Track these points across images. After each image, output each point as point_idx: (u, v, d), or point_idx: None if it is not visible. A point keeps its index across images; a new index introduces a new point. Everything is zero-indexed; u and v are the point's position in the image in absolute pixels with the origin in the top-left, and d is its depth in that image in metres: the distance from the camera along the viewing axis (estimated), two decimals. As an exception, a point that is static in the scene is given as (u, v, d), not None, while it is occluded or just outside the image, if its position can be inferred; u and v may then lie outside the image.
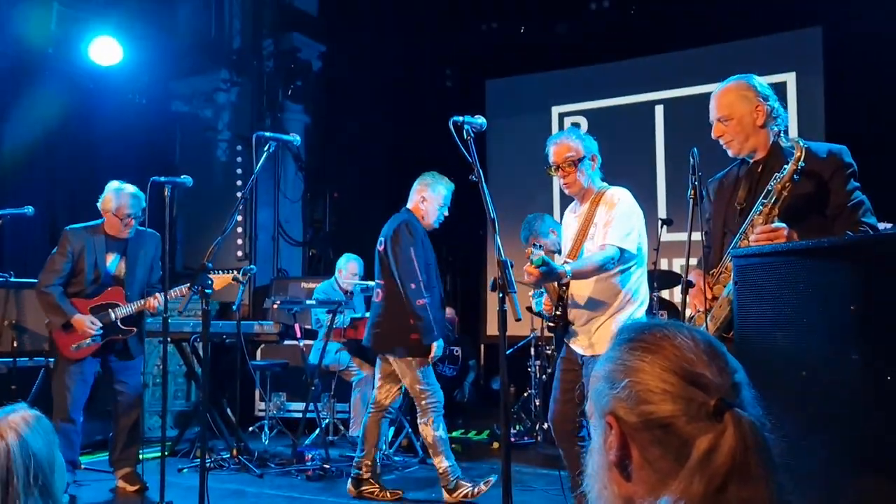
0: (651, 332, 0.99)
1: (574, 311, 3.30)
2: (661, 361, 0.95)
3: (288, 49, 7.93)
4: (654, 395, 0.93)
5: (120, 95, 7.31)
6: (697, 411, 0.91)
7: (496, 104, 8.53)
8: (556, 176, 3.42)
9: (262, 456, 5.55)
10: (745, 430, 0.89)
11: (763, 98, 2.63)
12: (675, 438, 0.91)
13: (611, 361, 1.01)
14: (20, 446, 1.50)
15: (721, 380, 0.93)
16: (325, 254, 8.41)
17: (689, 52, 7.81)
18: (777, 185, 2.42)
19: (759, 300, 1.91)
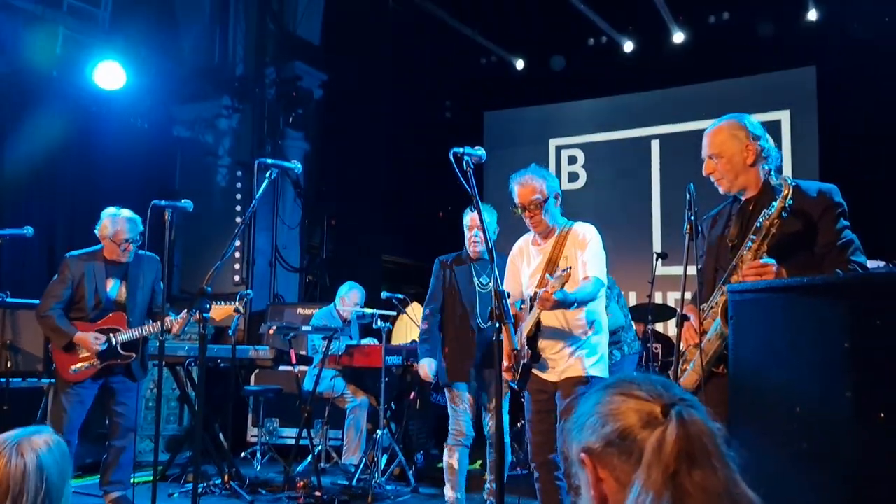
0: (620, 379, 1.14)
1: (545, 342, 3.40)
2: (622, 393, 1.10)
3: (290, 77, 8.02)
4: (612, 416, 1.07)
5: (122, 119, 7.37)
6: (649, 418, 1.04)
7: (494, 136, 8.63)
8: (521, 215, 3.51)
9: (254, 482, 5.50)
10: (686, 422, 1.02)
11: (754, 138, 2.68)
12: (634, 445, 1.04)
13: (580, 412, 1.15)
14: (36, 468, 1.51)
15: (668, 395, 1.07)
16: (321, 280, 8.42)
17: (686, 89, 7.94)
18: (766, 221, 2.46)
19: (754, 335, 1.93)
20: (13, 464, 1.50)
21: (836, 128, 6.66)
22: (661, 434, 1.02)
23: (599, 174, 8.36)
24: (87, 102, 7.00)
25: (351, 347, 5.97)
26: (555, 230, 3.51)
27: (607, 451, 1.07)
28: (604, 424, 1.08)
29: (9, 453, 1.51)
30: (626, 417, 1.06)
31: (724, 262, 2.69)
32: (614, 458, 1.06)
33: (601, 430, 1.08)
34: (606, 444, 1.07)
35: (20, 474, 1.49)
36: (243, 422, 6.92)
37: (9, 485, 1.48)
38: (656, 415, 1.04)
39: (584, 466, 1.10)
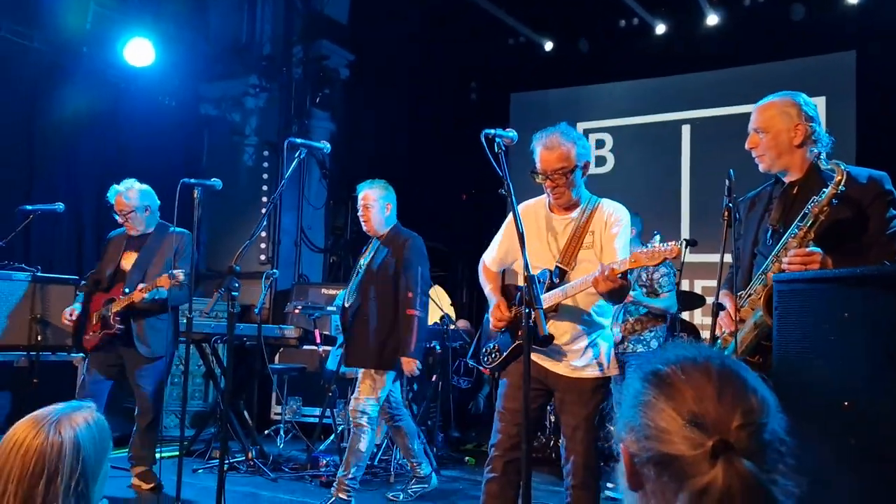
0: (671, 368, 1.01)
1: (559, 326, 2.96)
2: (670, 402, 0.97)
3: (317, 56, 7.98)
4: (658, 433, 0.96)
5: (150, 96, 7.39)
6: (696, 452, 0.93)
7: (520, 118, 8.52)
8: (542, 182, 3.07)
9: (277, 460, 5.54)
10: (734, 477, 0.90)
11: (806, 118, 2.58)
12: (675, 476, 0.94)
13: (630, 390, 1.04)
14: (73, 446, 1.48)
15: (726, 420, 0.94)
16: (345, 261, 8.42)
17: (720, 73, 7.77)
18: (814, 207, 2.37)
19: (800, 326, 1.87)
20: (50, 440, 1.47)
21: (875, 115, 6.49)
22: (706, 484, 0.91)
23: (628, 159, 8.23)
24: (116, 79, 7.03)
25: (375, 328, 5.96)
26: (578, 203, 3.09)
27: (646, 465, 0.98)
28: (647, 437, 0.97)
29: (48, 428, 1.49)
30: (671, 444, 0.95)
31: (764, 248, 2.61)
32: (653, 473, 0.97)
33: (643, 441, 0.98)
34: (647, 458, 0.97)
35: (56, 452, 1.47)
36: (267, 400, 6.98)
37: (45, 462, 1.45)
38: (706, 450, 0.92)
39: (622, 454, 1.03)
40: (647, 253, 2.70)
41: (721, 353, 1.05)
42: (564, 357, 3.00)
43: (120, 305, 4.50)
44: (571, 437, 2.94)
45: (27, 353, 5.04)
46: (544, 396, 3.10)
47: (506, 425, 3.00)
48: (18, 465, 1.45)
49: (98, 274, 4.74)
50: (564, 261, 3.00)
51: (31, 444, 1.46)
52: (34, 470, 1.44)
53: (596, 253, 3.00)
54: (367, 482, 5.18)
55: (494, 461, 2.99)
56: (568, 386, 2.99)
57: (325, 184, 8.29)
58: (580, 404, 2.94)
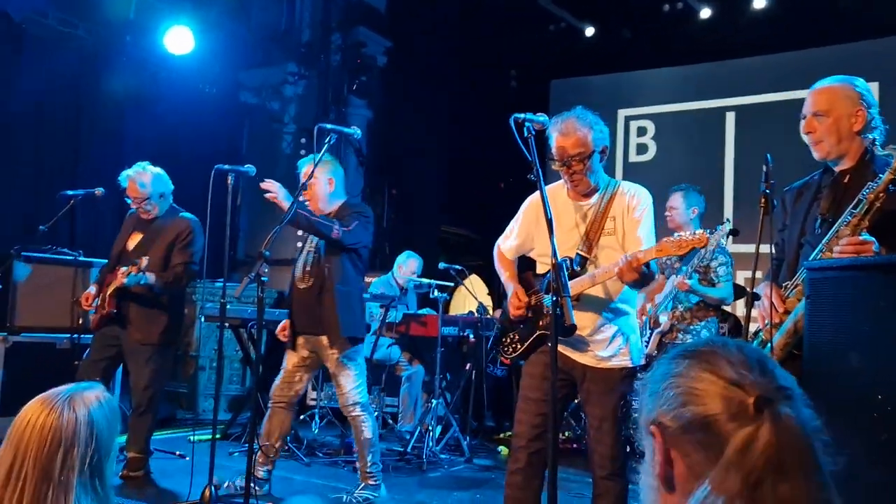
0: (698, 345, 1.00)
1: (583, 316, 2.85)
2: (703, 365, 0.95)
3: (354, 43, 7.99)
4: (694, 397, 0.93)
5: (191, 84, 7.49)
6: (737, 409, 0.90)
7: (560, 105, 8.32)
8: (559, 169, 2.97)
9: (311, 445, 5.59)
10: (783, 427, 0.88)
11: (866, 104, 2.47)
12: (716, 438, 0.90)
13: (656, 375, 1.01)
14: (87, 422, 1.53)
15: (765, 382, 0.92)
16: (381, 249, 8.44)
17: (766, 58, 7.54)
18: (870, 194, 2.26)
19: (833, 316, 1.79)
20: (65, 416, 1.52)
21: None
22: (751, 435, 0.88)
23: (670, 147, 8.06)
24: (157, 67, 7.14)
25: (408, 316, 5.98)
26: (597, 188, 2.99)
27: (683, 436, 0.94)
28: (682, 403, 0.94)
29: (61, 406, 1.53)
30: (711, 403, 0.91)
31: (812, 237, 2.50)
32: (689, 445, 0.93)
33: (678, 409, 0.94)
34: (683, 428, 0.93)
35: (71, 427, 1.51)
36: (303, 385, 7.04)
37: (61, 436, 1.50)
38: (747, 407, 0.89)
39: (652, 439, 0.98)
40: (674, 242, 2.63)
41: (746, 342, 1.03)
42: (589, 347, 2.92)
43: (112, 287, 4.44)
44: (598, 427, 2.88)
45: (69, 335, 5.15)
46: (568, 387, 3.02)
47: (529, 416, 2.94)
48: (35, 440, 1.49)
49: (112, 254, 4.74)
50: (585, 248, 2.93)
51: (46, 420, 1.51)
52: (51, 445, 1.49)
53: (618, 239, 2.92)
54: (400, 468, 5.20)
55: (517, 452, 2.95)
56: (594, 376, 2.92)
57: (362, 171, 8.31)
58: (606, 395, 2.87)
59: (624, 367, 2.92)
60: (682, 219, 4.87)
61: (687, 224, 4.86)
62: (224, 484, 4.19)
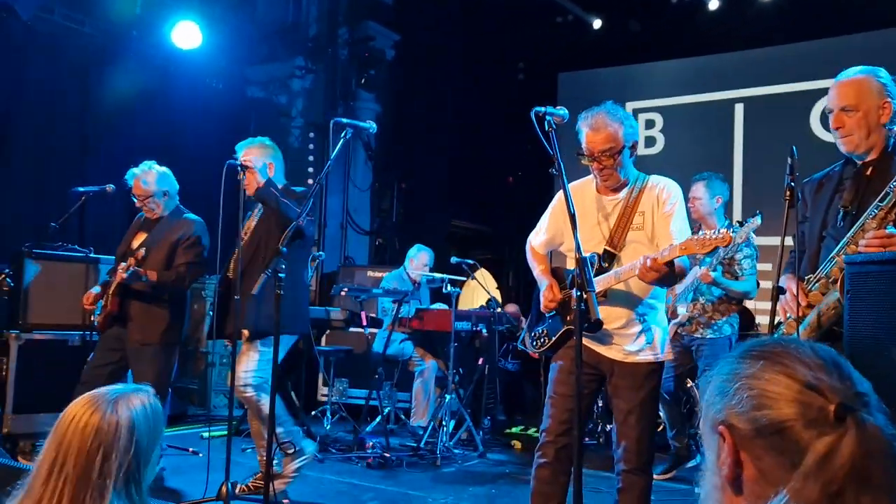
0: (768, 344, 0.96)
1: (610, 310, 2.85)
2: (777, 367, 0.92)
3: (362, 37, 7.96)
4: (769, 400, 0.90)
5: (198, 79, 7.46)
6: (816, 416, 0.87)
7: (568, 98, 8.37)
8: (588, 164, 2.95)
9: (324, 441, 5.58)
10: (868, 435, 0.85)
11: (890, 95, 2.45)
12: (791, 444, 0.88)
13: (723, 373, 0.98)
14: (128, 426, 1.52)
15: (843, 387, 0.89)
16: (391, 243, 8.44)
17: (775, 49, 7.51)
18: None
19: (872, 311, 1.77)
20: (107, 418, 1.52)
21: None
22: (833, 444, 0.85)
23: (679, 139, 8.03)
24: (164, 62, 7.11)
25: (421, 311, 5.96)
26: (626, 183, 2.97)
27: (755, 440, 0.91)
28: (756, 406, 0.91)
29: (105, 407, 1.54)
30: (786, 408, 0.88)
31: (834, 230, 2.48)
32: (761, 449, 0.90)
33: (751, 412, 0.91)
34: (756, 432, 0.91)
35: (112, 431, 1.51)
36: (314, 381, 7.04)
37: (101, 439, 1.50)
38: (827, 414, 0.86)
39: (721, 439, 0.94)
40: (698, 241, 2.61)
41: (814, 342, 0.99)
42: (617, 341, 2.91)
43: (114, 284, 4.38)
44: (624, 421, 2.87)
45: (81, 332, 5.14)
46: (597, 382, 3.01)
47: (557, 410, 2.93)
48: (77, 439, 1.50)
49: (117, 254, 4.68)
50: (613, 243, 2.91)
51: (90, 420, 1.51)
52: (91, 446, 1.49)
53: (647, 234, 2.89)
54: (414, 464, 5.19)
55: (545, 447, 2.94)
56: (622, 371, 2.91)
57: (371, 166, 8.29)
58: (634, 389, 2.86)
59: (651, 361, 2.91)
60: (706, 209, 4.78)
61: (711, 214, 4.78)
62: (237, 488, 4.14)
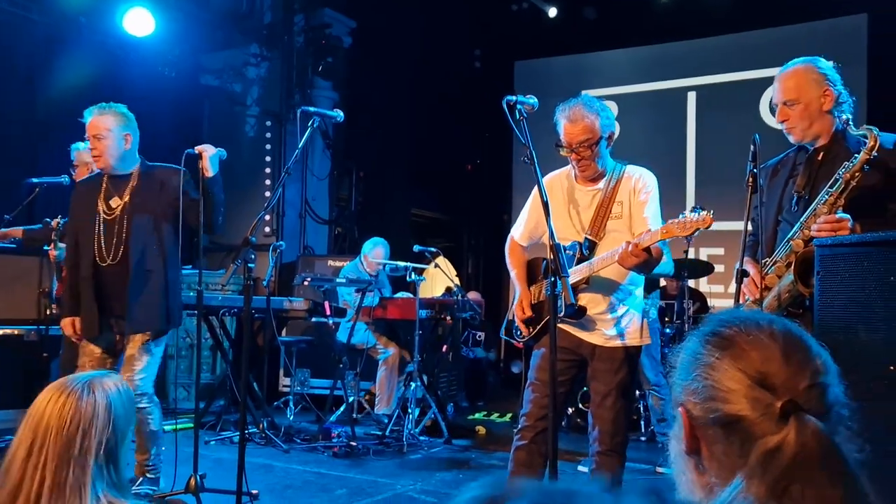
0: (730, 327, 0.98)
1: (590, 297, 2.94)
2: (732, 360, 0.94)
3: (319, 24, 7.86)
4: (721, 394, 0.93)
5: (150, 67, 7.28)
6: (764, 412, 0.90)
7: (525, 86, 8.44)
8: (566, 155, 3.01)
9: (288, 431, 5.56)
10: (808, 436, 0.87)
11: (831, 82, 2.55)
12: (740, 438, 0.91)
13: (687, 352, 1.01)
14: (105, 407, 1.57)
15: (794, 381, 0.91)
16: (350, 232, 8.40)
17: (726, 38, 7.70)
18: (846, 174, 2.35)
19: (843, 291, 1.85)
20: (84, 400, 1.55)
21: (887, 80, 6.42)
22: (775, 443, 0.88)
23: (633, 126, 8.15)
24: (115, 49, 6.91)
25: (385, 300, 5.97)
26: (604, 173, 3.03)
27: (708, 427, 0.94)
28: (708, 397, 0.93)
29: (80, 389, 1.57)
30: (736, 403, 0.91)
31: (789, 215, 2.59)
32: (713, 436, 0.94)
33: (705, 402, 0.94)
34: (708, 420, 0.93)
35: (90, 410, 1.55)
36: (275, 372, 6.99)
37: (80, 418, 1.53)
38: (775, 412, 0.89)
39: (680, 418, 0.98)
40: (679, 224, 2.68)
41: (783, 318, 1.02)
42: (597, 326, 2.98)
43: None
44: (600, 404, 2.94)
45: (36, 326, 5.02)
46: (577, 367, 3.07)
47: (538, 396, 2.98)
48: (55, 421, 1.52)
49: None
50: (593, 232, 2.98)
51: (66, 402, 1.55)
52: (70, 425, 1.53)
53: (626, 223, 2.97)
54: (380, 452, 5.21)
55: (525, 430, 3.00)
56: (601, 355, 2.98)
57: (329, 154, 8.22)
58: (612, 372, 2.93)
59: (630, 345, 2.99)
60: None
61: None
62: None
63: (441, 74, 8.62)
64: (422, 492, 4.35)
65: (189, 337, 6.66)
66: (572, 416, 5.97)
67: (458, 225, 10.01)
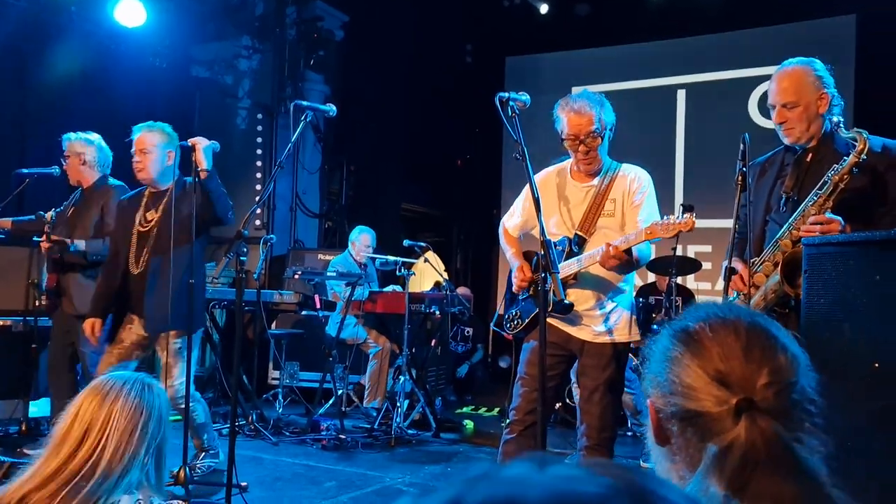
0: (699, 325, 1.00)
1: (580, 293, 2.97)
2: (696, 358, 0.96)
3: (311, 17, 7.84)
4: (684, 390, 0.95)
5: (141, 58, 7.24)
6: (720, 409, 0.92)
7: (515, 82, 8.45)
8: (570, 148, 3.02)
9: (277, 424, 5.57)
10: (756, 435, 0.89)
11: (826, 85, 2.58)
12: (700, 432, 0.94)
13: (659, 348, 1.03)
14: (159, 406, 1.61)
15: (752, 378, 0.93)
16: (340, 226, 8.40)
17: (716, 37, 7.75)
18: (835, 176, 2.38)
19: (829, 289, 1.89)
20: (147, 399, 1.60)
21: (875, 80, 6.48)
22: (729, 442, 0.91)
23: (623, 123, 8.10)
24: (105, 39, 6.87)
25: (374, 294, 5.98)
26: (601, 169, 3.06)
27: (673, 420, 0.97)
28: (672, 392, 0.97)
29: (142, 390, 1.61)
30: (695, 400, 0.94)
31: (777, 215, 2.62)
32: (679, 429, 0.97)
33: (669, 396, 0.97)
34: (672, 414, 0.97)
35: (147, 408, 1.59)
36: (265, 365, 6.99)
37: (139, 418, 1.57)
38: (730, 409, 0.92)
39: (649, 410, 1.02)
40: (662, 225, 2.72)
41: (752, 312, 1.04)
42: (587, 322, 3.01)
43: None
44: (588, 399, 2.97)
45: (24, 318, 5.00)
46: (567, 362, 3.11)
47: (527, 390, 3.01)
48: (118, 405, 1.56)
49: None
50: (584, 228, 3.01)
51: (131, 392, 1.59)
52: (131, 422, 1.56)
53: (617, 221, 2.99)
54: (369, 445, 5.23)
55: (514, 424, 3.03)
56: (590, 350, 3.01)
57: (320, 148, 8.21)
58: (599, 368, 2.96)
59: (619, 342, 3.01)
60: None
61: None
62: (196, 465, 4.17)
63: (432, 69, 8.62)
64: (410, 484, 4.38)
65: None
66: (560, 412, 6.01)
67: (448, 220, 10.03)
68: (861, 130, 2.40)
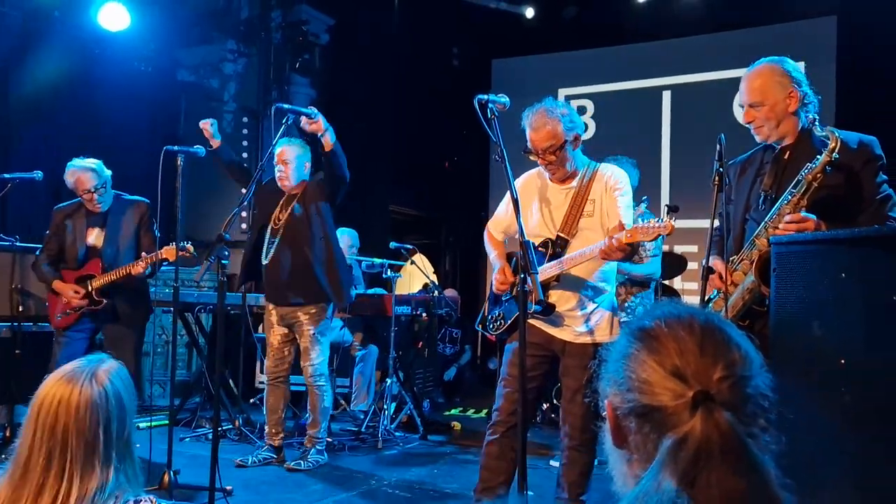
0: (656, 323, 1.01)
1: (561, 294, 3.02)
2: (653, 354, 0.98)
3: (296, 21, 7.84)
4: (641, 385, 0.96)
5: (126, 62, 7.22)
6: (676, 402, 0.93)
7: (502, 84, 8.48)
8: (535, 160, 3.12)
9: (264, 427, 5.55)
10: (712, 427, 0.90)
11: (797, 83, 2.60)
12: (657, 427, 0.94)
13: (617, 348, 1.05)
14: (115, 394, 1.53)
15: (708, 372, 0.94)
16: (327, 230, 8.37)
17: (700, 38, 7.80)
18: (808, 175, 2.40)
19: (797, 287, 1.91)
20: (96, 391, 1.51)
21: (855, 81, 6.54)
22: (684, 434, 0.91)
23: (609, 125, 8.25)
24: (90, 44, 6.85)
25: (361, 296, 5.98)
26: (576, 172, 3.11)
27: (630, 417, 0.98)
28: (629, 388, 0.98)
29: (89, 382, 1.52)
30: (654, 394, 0.95)
31: (757, 214, 2.64)
32: (636, 426, 0.98)
33: (626, 393, 0.98)
34: (628, 410, 0.98)
35: (105, 401, 1.51)
36: (251, 369, 6.97)
37: (98, 413, 1.50)
38: (687, 402, 0.92)
39: (607, 410, 1.03)
40: (643, 229, 2.75)
41: (706, 311, 1.06)
42: (568, 323, 3.03)
43: (105, 280, 4.48)
44: (571, 399, 2.99)
45: (9, 323, 4.97)
46: (549, 362, 3.12)
47: (510, 391, 3.03)
48: (73, 419, 1.48)
49: (55, 252, 4.67)
50: (565, 230, 3.04)
51: (79, 399, 1.50)
52: (90, 422, 1.49)
53: (598, 221, 3.02)
54: (356, 448, 5.24)
55: (497, 425, 3.05)
56: (572, 351, 3.03)
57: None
58: (582, 368, 2.97)
59: (600, 342, 3.02)
60: None
61: None
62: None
63: (419, 72, 8.63)
64: (397, 486, 4.38)
65: (165, 334, 6.63)
66: (546, 412, 6.03)
67: (436, 222, 10.03)
68: (832, 129, 2.42)
